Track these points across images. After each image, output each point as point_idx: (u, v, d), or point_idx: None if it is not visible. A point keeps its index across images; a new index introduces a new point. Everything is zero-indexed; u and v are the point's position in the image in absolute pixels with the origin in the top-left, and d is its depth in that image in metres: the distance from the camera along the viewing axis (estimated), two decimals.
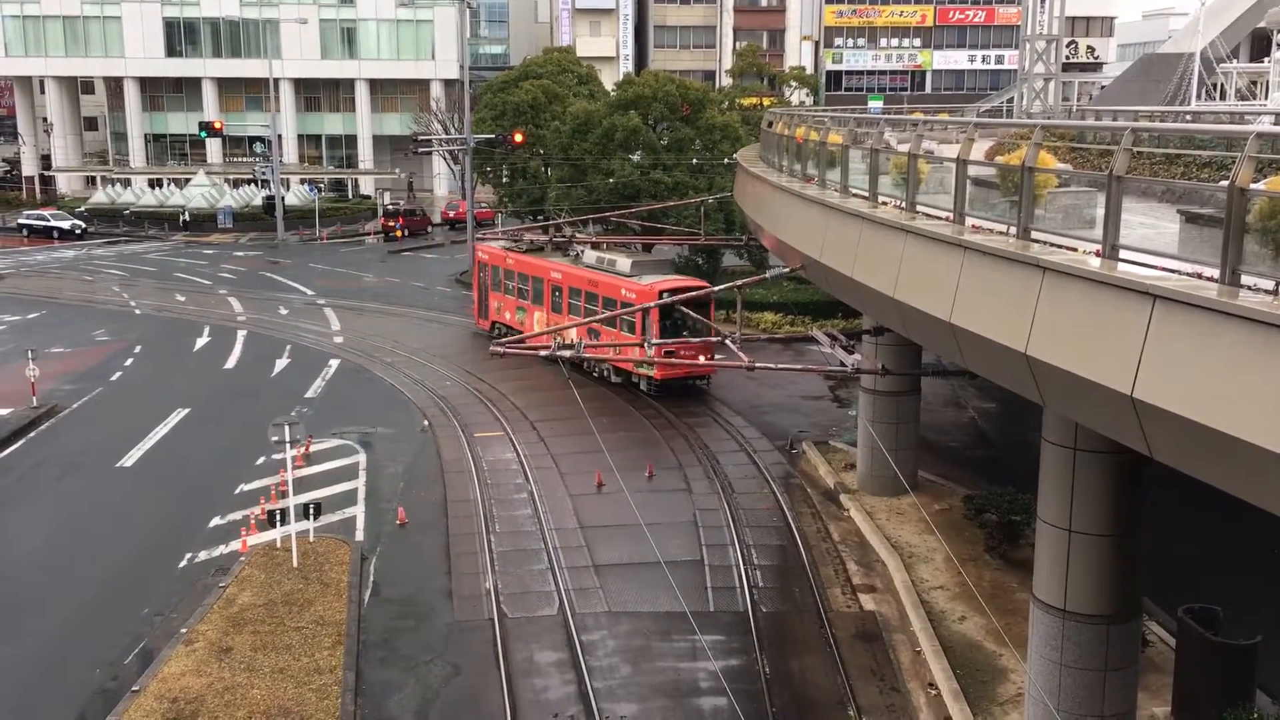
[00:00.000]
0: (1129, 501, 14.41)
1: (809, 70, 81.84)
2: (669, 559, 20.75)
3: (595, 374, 33.82)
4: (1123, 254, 9.92)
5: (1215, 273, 8.62)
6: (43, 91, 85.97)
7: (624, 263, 33.35)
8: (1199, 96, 50.47)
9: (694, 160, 46.14)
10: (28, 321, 43.71)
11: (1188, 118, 31.20)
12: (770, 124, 27.77)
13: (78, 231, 68.70)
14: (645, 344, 28.74)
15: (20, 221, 70.43)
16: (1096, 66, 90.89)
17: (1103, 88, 77.42)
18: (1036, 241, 11.39)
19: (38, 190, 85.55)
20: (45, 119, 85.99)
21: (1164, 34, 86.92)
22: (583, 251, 36.20)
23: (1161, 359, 8.65)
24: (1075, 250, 10.69)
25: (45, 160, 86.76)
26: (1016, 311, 10.72)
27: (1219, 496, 8.95)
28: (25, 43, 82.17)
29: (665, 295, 29.46)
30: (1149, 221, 10.80)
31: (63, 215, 70.94)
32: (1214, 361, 8.11)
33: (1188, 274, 9.01)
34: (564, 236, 38.78)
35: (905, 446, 24.48)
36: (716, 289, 28.21)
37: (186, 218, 70.51)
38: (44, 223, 69.50)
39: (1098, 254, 10.16)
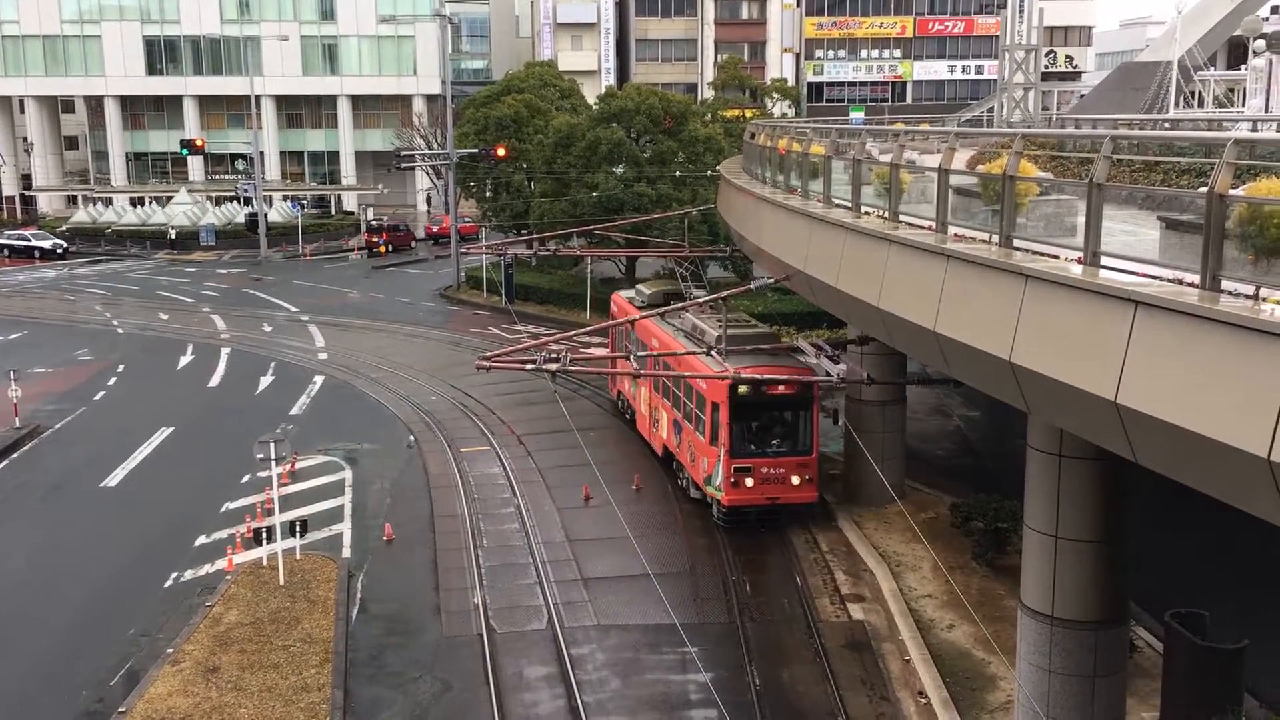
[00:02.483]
0: (1115, 507, 14.48)
1: (790, 82, 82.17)
2: (657, 571, 20.73)
3: (679, 481, 25.89)
4: (1104, 261, 9.99)
5: (1196, 278, 8.68)
6: (23, 111, 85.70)
7: (711, 334, 24.46)
8: (1177, 104, 50.84)
9: (677, 173, 46.24)
10: (9, 341, 43.45)
11: (1166, 125, 31.44)
12: (753, 136, 27.87)
13: (59, 251, 68.40)
14: (635, 358, 23.58)
15: (1, 242, 70.16)
16: (1075, 75, 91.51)
17: (1082, 96, 77.94)
18: (1019, 249, 11.45)
19: (18, 210, 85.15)
20: (25, 138, 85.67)
21: (1142, 43, 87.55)
22: (685, 311, 26.95)
23: (1144, 364, 8.71)
24: (1057, 258, 10.76)
25: (26, 180, 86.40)
26: (1000, 319, 10.78)
27: (1204, 500, 9.00)
28: (5, 62, 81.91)
29: (741, 390, 22.59)
30: (1130, 229, 10.87)
31: (44, 235, 70.64)
32: (1196, 366, 8.17)
33: (1169, 280, 9.07)
34: (686, 288, 30.37)
35: (891, 456, 24.52)
36: (704, 299, 25.50)
37: (173, 235, 70.26)
38: (25, 243, 69.21)
39: (1079, 261, 10.22)
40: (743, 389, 22.51)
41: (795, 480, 23.06)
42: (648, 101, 47.07)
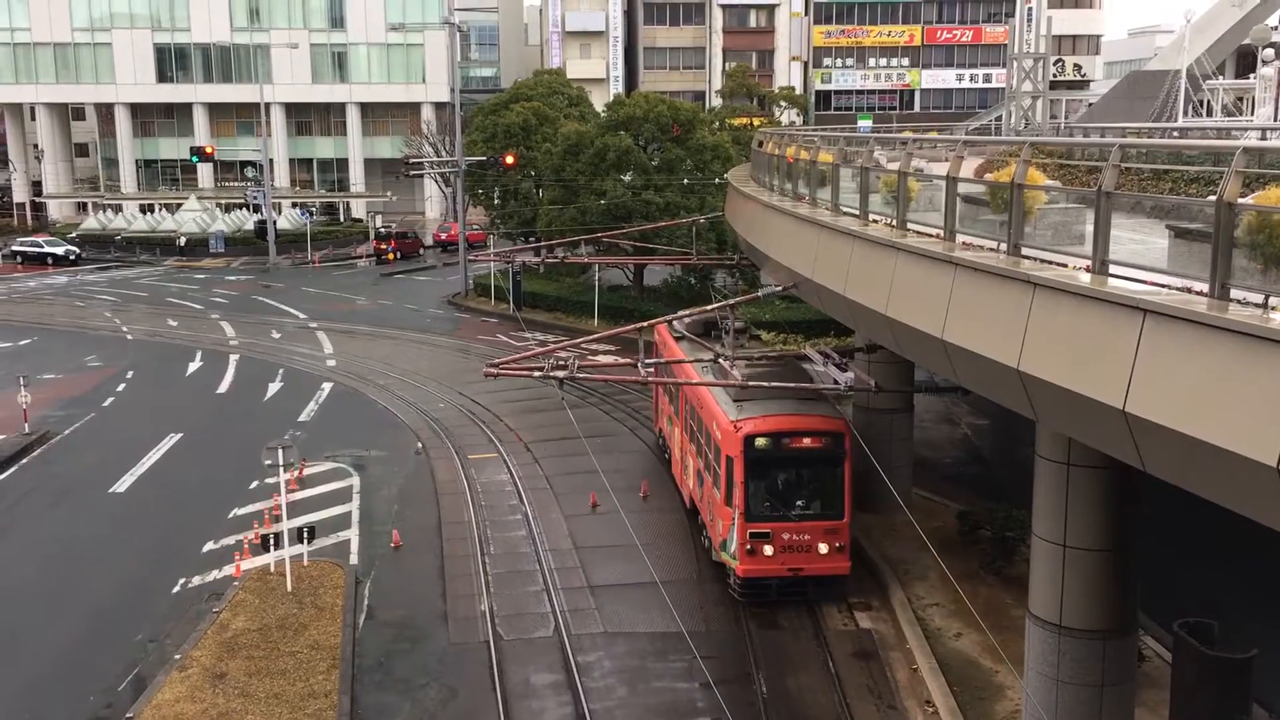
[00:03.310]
0: (1123, 516, 14.44)
1: (798, 90, 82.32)
2: (664, 579, 20.70)
3: (702, 540, 22.66)
4: (1113, 269, 10.00)
5: (1205, 287, 8.68)
6: (33, 118, 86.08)
7: (737, 373, 20.91)
8: (1185, 113, 50.79)
9: (685, 180, 46.31)
10: (19, 348, 43.60)
11: (1175, 134, 31.41)
12: (761, 144, 27.90)
13: (72, 258, 68.62)
14: (645, 375, 19.96)
15: (14, 248, 70.23)
16: (1083, 84, 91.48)
17: (1090, 105, 77.89)
18: (1027, 258, 11.45)
19: (29, 217, 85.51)
20: (36, 145, 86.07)
21: (1150, 51, 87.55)
22: (724, 342, 22.83)
23: (1153, 373, 8.70)
24: (1066, 266, 10.76)
25: (36, 186, 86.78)
26: (1008, 327, 10.77)
27: (1213, 510, 8.98)
28: (16, 70, 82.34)
29: (759, 443, 19.76)
30: (1138, 237, 10.87)
31: (56, 241, 70.86)
32: (1205, 375, 8.16)
33: (1177, 288, 9.07)
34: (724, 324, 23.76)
35: (899, 464, 24.46)
36: (712, 308, 24.43)
37: (183, 242, 70.45)
38: (38, 249, 69.45)
39: (1088, 269, 10.22)
40: (761, 441, 19.63)
41: (823, 548, 19.81)
42: (656, 109, 47.17)
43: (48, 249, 69.38)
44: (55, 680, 18.02)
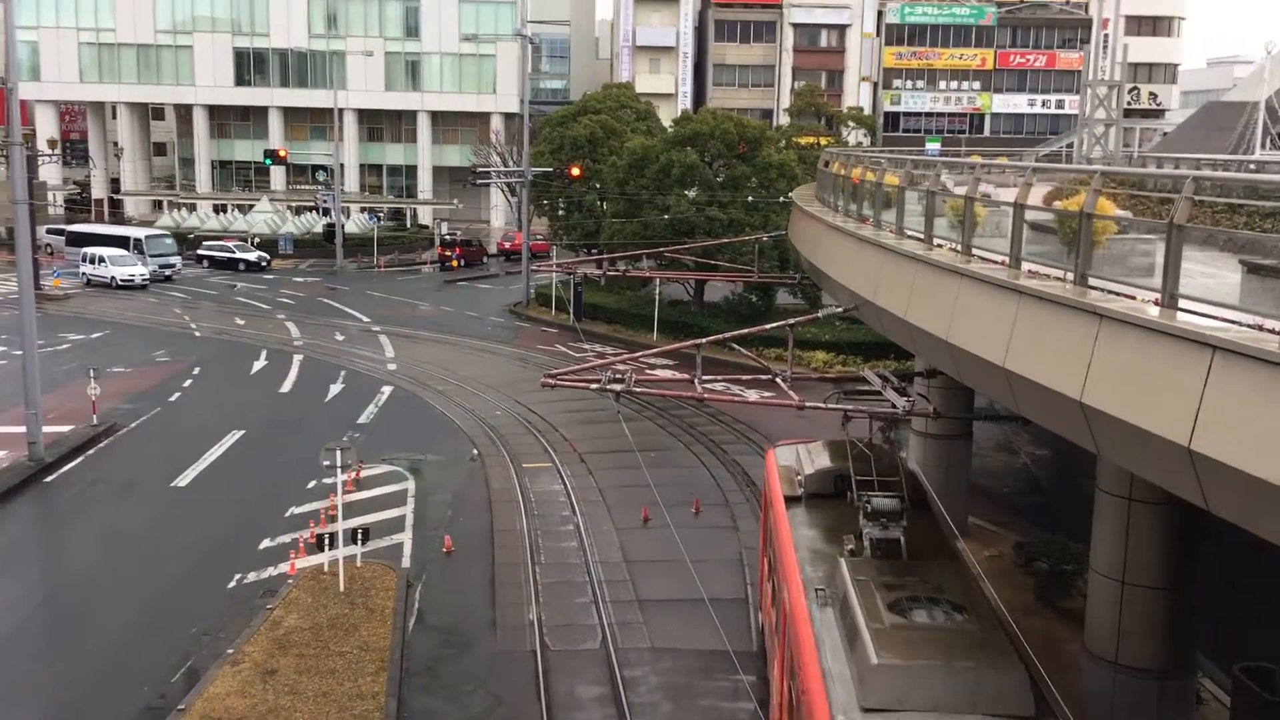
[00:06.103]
0: (1185, 553, 14.15)
1: (867, 111, 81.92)
2: (713, 596, 20.61)
3: None
4: (1182, 303, 9.81)
5: (1277, 325, 8.49)
6: (114, 117, 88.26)
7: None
8: (1264, 145, 49.78)
9: (750, 198, 46.27)
10: (91, 340, 44.65)
11: (1252, 167, 30.78)
12: (827, 164, 27.81)
13: (264, 264, 65.02)
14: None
15: (200, 252, 66.06)
16: (1159, 113, 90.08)
17: (1165, 135, 76.64)
18: (1094, 288, 11.28)
19: (106, 213, 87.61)
20: (116, 143, 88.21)
21: (1229, 82, 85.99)
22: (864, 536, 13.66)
23: (1220, 411, 8.52)
24: (1133, 298, 10.58)
25: (115, 183, 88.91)
26: (1072, 358, 10.62)
27: (1277, 551, 8.77)
28: (99, 69, 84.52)
29: None
30: (1209, 271, 10.66)
31: (247, 246, 66.44)
32: (1275, 415, 7.97)
33: (1248, 325, 8.88)
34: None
35: (956, 491, 24.19)
36: (767, 327, 25.00)
37: (256, 241, 71.31)
38: (228, 254, 65.45)
39: (1156, 302, 10.05)
40: None
41: None
42: (723, 126, 47.21)
43: (239, 254, 65.12)
44: (111, 669, 18.36)
